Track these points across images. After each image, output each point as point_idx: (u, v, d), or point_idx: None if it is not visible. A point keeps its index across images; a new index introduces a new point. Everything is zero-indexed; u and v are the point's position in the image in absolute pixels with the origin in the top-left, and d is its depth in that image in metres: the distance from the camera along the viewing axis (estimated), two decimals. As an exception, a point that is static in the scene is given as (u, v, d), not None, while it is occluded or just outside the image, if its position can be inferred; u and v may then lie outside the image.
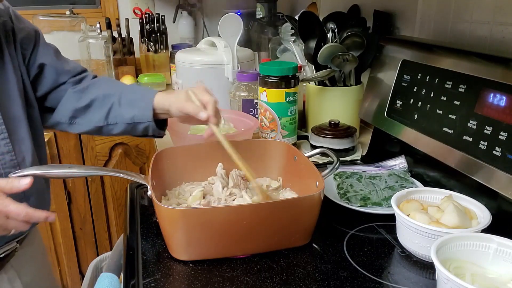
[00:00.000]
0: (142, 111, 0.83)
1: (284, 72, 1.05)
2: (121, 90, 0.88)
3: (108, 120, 0.86)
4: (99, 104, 0.87)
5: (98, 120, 0.87)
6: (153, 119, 0.83)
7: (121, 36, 2.07)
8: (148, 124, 0.84)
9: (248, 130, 1.04)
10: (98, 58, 1.92)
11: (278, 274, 0.66)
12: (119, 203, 1.81)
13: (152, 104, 0.83)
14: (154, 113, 0.83)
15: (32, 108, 0.86)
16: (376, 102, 1.05)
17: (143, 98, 0.85)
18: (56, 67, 0.88)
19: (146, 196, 0.90)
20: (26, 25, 0.86)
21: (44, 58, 0.86)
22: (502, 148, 0.69)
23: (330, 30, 1.23)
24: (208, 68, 1.35)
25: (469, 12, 0.93)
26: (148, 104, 0.83)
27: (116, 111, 0.86)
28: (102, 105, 0.86)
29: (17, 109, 0.81)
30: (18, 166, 0.80)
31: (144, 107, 0.83)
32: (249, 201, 0.77)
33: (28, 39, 0.85)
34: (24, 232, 0.88)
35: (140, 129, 0.85)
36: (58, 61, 0.89)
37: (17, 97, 0.81)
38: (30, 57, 0.85)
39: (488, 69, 0.76)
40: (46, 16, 1.94)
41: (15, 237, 0.85)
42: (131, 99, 0.85)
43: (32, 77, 0.86)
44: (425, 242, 0.65)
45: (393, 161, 0.99)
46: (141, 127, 0.85)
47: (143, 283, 0.64)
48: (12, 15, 0.83)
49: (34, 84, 0.87)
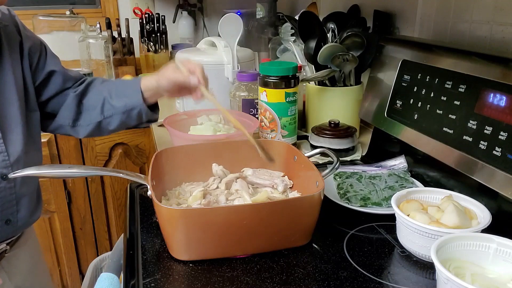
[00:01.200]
0: (132, 97, 0.89)
1: (284, 72, 1.05)
2: (111, 85, 0.94)
3: (103, 113, 0.91)
4: (94, 102, 0.92)
5: (95, 117, 0.92)
6: (143, 103, 0.88)
7: (121, 36, 2.07)
8: (140, 108, 0.89)
9: (248, 130, 1.04)
10: (98, 58, 1.92)
11: (278, 274, 0.66)
12: (119, 203, 1.81)
13: (139, 88, 0.88)
14: (144, 97, 0.88)
15: (33, 112, 0.88)
16: (376, 102, 1.05)
17: (130, 86, 0.91)
18: (64, 73, 0.94)
19: (146, 196, 0.90)
20: (33, 35, 0.90)
21: (53, 66, 0.92)
22: (502, 148, 0.69)
23: (330, 30, 1.23)
24: (208, 68, 1.32)
25: (469, 12, 0.93)
26: (136, 90, 0.88)
27: (108, 104, 0.91)
28: (96, 103, 0.92)
29: (13, 110, 0.82)
30: (10, 168, 0.80)
31: (132, 94, 0.89)
32: (249, 201, 0.77)
33: (35, 48, 0.89)
34: (16, 234, 0.88)
35: (134, 116, 0.90)
36: (65, 69, 0.95)
37: (14, 99, 0.82)
38: (38, 64, 0.89)
39: (488, 69, 0.76)
40: (46, 16, 1.94)
41: (4, 239, 0.86)
42: (120, 91, 0.91)
43: (38, 82, 0.89)
44: (425, 242, 0.65)
45: (393, 161, 0.99)
46: (134, 113, 0.90)
47: (143, 283, 0.64)
48: (18, 23, 0.87)
49: (39, 89, 0.90)
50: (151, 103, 0.91)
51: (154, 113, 0.93)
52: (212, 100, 0.84)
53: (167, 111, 1.47)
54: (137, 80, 0.90)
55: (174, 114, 1.16)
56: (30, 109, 0.87)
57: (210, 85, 1.33)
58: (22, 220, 0.86)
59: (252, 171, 0.87)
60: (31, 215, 0.89)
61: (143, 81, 0.89)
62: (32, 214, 0.89)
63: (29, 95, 0.86)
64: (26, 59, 0.85)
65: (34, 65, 0.88)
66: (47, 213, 1.70)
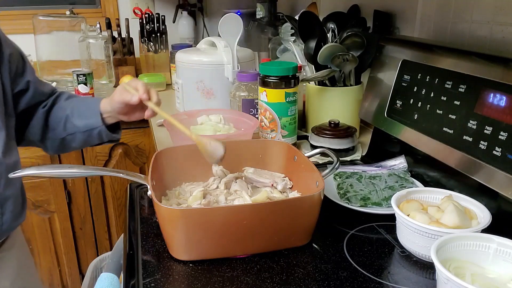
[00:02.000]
0: (92, 118, 0.93)
1: (284, 72, 1.05)
2: (74, 103, 0.97)
3: (66, 131, 0.95)
4: (58, 120, 0.95)
5: (59, 133, 0.96)
6: (103, 124, 0.92)
7: (121, 36, 2.07)
8: (100, 129, 0.93)
9: (248, 130, 1.04)
10: (98, 58, 1.92)
11: (278, 274, 0.66)
12: (119, 203, 1.81)
13: (98, 110, 0.92)
14: (103, 118, 0.92)
15: (11, 117, 0.89)
16: (376, 102, 1.05)
17: (91, 107, 0.94)
18: (36, 86, 0.95)
19: (146, 196, 0.90)
20: (12, 43, 0.91)
21: (31, 77, 0.93)
22: (502, 148, 0.69)
23: (330, 30, 1.23)
24: (208, 68, 1.35)
25: (469, 12, 0.93)
26: (96, 111, 0.92)
27: (70, 122, 0.94)
28: (60, 120, 0.95)
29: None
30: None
31: (92, 115, 0.93)
32: (249, 201, 0.77)
33: (16, 55, 0.90)
34: (1, 238, 0.88)
35: (95, 136, 0.94)
36: (39, 81, 0.97)
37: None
38: (16, 72, 0.90)
39: (488, 69, 0.76)
40: (46, 16, 1.94)
41: None
42: (82, 110, 0.95)
43: (16, 90, 0.91)
44: (425, 242, 0.65)
45: (393, 161, 0.99)
46: (95, 133, 0.94)
47: (143, 283, 0.64)
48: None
49: (17, 98, 0.92)
50: (111, 124, 0.94)
51: (115, 133, 0.97)
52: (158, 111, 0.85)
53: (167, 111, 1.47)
54: (97, 101, 0.93)
55: (174, 114, 1.16)
56: (8, 113, 0.87)
57: (210, 85, 1.35)
58: (7, 223, 0.85)
59: (253, 169, 0.88)
60: (16, 218, 0.88)
61: (102, 103, 0.92)
62: (17, 217, 0.88)
63: (8, 100, 0.87)
64: (5, 64, 0.86)
65: (13, 73, 0.89)
66: (47, 213, 1.70)
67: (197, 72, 1.36)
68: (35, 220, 1.70)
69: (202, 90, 1.36)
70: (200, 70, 1.35)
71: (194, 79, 1.36)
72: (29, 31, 1.93)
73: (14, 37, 0.95)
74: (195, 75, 1.36)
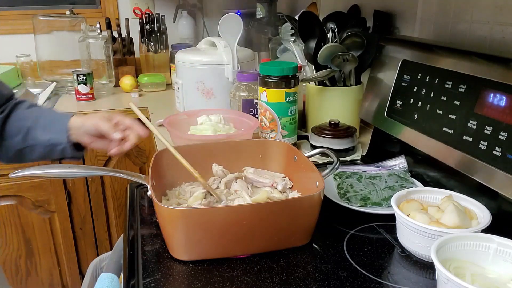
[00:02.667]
0: (57, 133, 0.86)
1: (284, 72, 1.05)
2: (38, 114, 0.90)
3: (26, 142, 0.87)
4: (16, 130, 0.88)
5: (17, 144, 0.88)
6: (68, 141, 0.86)
7: (121, 36, 2.07)
8: (65, 146, 0.86)
9: (248, 130, 1.04)
10: (98, 58, 1.93)
11: (278, 274, 0.66)
12: (119, 203, 1.81)
13: (67, 126, 0.86)
14: (70, 135, 0.86)
15: None
16: (376, 102, 1.05)
17: (58, 121, 0.88)
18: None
19: (146, 196, 0.90)
20: None
21: None
22: (502, 148, 0.69)
23: (330, 30, 1.23)
24: (208, 68, 1.35)
25: (469, 12, 0.93)
26: (63, 127, 0.86)
27: (32, 133, 0.87)
28: (19, 130, 0.88)
29: None
30: None
31: (59, 130, 0.86)
32: (249, 201, 0.77)
33: None
34: None
35: (58, 151, 0.88)
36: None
37: None
38: None
39: (488, 69, 0.76)
40: (46, 16, 1.94)
41: None
42: (47, 123, 0.88)
43: None
44: (425, 242, 0.65)
45: (393, 161, 0.99)
46: (58, 149, 0.87)
47: (143, 283, 0.64)
48: None
49: None
50: (76, 141, 0.88)
51: (79, 151, 0.90)
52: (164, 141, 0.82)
53: (167, 111, 1.47)
54: (65, 117, 0.88)
55: (174, 114, 1.16)
56: None
57: (210, 85, 1.35)
58: None
59: (253, 169, 0.88)
60: None
61: (72, 119, 0.87)
62: None
63: None
64: None
65: None
66: (47, 213, 1.70)
67: (197, 72, 1.36)
68: (35, 220, 1.70)
69: (202, 90, 1.36)
70: (200, 70, 1.35)
71: (194, 79, 1.36)
72: (29, 31, 1.93)
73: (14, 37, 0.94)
74: (195, 75, 1.36)
